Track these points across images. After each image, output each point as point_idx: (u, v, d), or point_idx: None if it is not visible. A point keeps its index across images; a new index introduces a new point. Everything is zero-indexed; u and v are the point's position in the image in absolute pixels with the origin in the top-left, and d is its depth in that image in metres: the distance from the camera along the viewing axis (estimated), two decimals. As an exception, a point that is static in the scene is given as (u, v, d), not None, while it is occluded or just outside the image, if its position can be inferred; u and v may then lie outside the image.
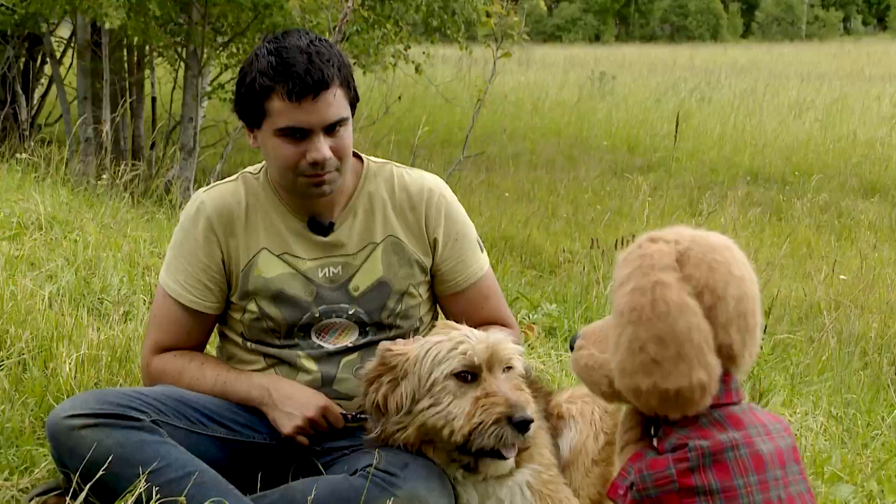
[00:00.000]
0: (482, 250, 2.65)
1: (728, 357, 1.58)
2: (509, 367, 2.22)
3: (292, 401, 2.37)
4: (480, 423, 2.12)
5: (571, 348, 1.81)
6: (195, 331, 2.51)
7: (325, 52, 2.32)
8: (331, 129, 2.33)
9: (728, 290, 1.57)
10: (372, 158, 2.59)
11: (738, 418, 1.61)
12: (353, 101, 2.41)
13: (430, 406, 2.17)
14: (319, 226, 2.48)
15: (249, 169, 2.55)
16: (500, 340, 2.22)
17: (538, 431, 2.35)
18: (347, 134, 2.38)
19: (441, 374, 2.17)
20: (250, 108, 2.36)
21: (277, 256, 2.46)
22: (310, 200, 2.44)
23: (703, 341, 1.53)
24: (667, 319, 1.53)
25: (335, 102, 2.32)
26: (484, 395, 2.14)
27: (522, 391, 2.21)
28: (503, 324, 2.64)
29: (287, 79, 2.27)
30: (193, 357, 2.49)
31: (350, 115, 2.39)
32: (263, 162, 2.51)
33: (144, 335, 2.56)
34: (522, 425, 2.11)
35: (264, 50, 2.34)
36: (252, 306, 2.45)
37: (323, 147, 2.32)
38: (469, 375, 2.18)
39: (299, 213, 2.48)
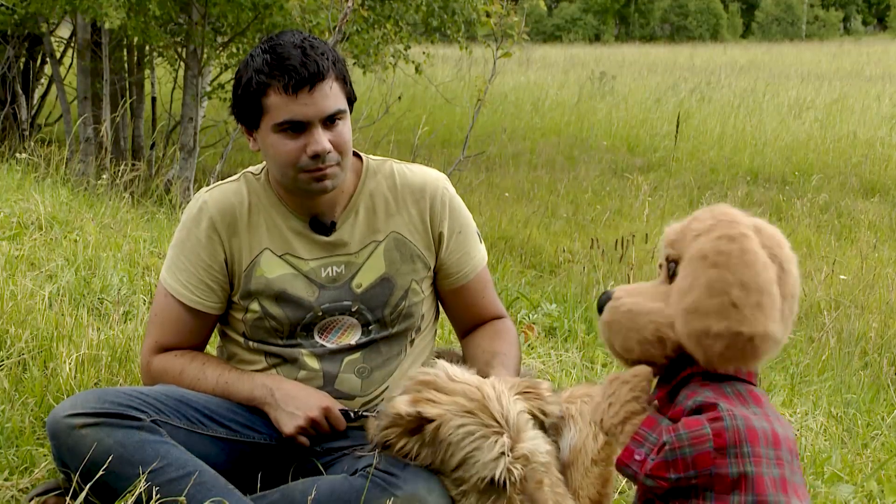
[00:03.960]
0: (480, 240, 2.67)
1: None
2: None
3: (295, 400, 2.37)
4: None
5: (601, 307, 1.78)
6: (196, 330, 2.51)
7: (319, 46, 2.33)
8: (329, 121, 2.33)
9: (791, 267, 1.65)
10: (371, 157, 2.59)
11: (758, 396, 1.67)
12: (350, 98, 2.42)
13: (451, 484, 2.11)
14: (321, 225, 2.47)
15: (251, 169, 2.55)
16: (534, 450, 2.09)
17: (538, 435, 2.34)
18: (346, 128, 2.38)
19: (474, 476, 2.08)
20: (248, 107, 2.36)
21: (279, 257, 2.46)
22: (311, 199, 2.44)
23: (777, 299, 1.60)
24: (753, 268, 1.59)
25: (332, 94, 2.32)
26: None
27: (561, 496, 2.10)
28: (498, 315, 2.67)
29: (283, 72, 2.28)
30: (194, 357, 2.49)
31: (348, 110, 2.39)
32: (264, 162, 2.51)
33: (144, 334, 2.56)
34: None
35: (259, 50, 2.35)
36: (255, 306, 2.45)
37: (322, 139, 2.32)
38: (500, 484, 2.07)
39: (301, 214, 2.48)
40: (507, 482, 2.05)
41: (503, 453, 2.06)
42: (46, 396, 2.76)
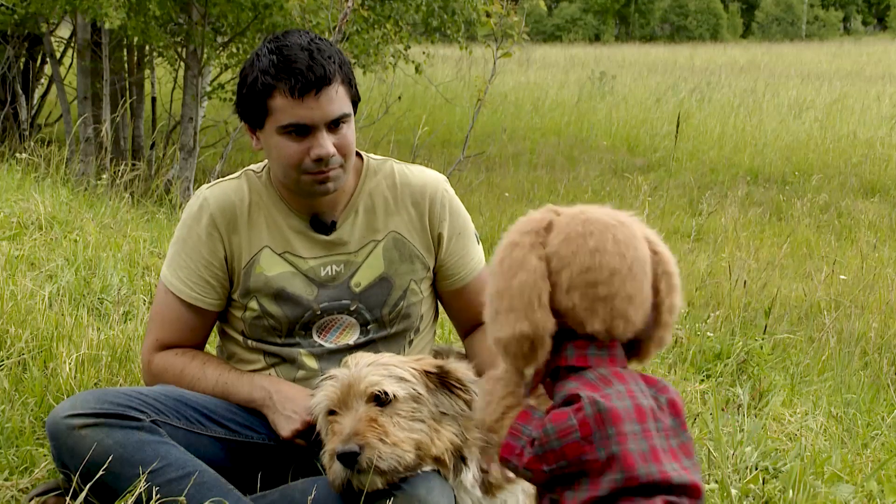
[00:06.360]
0: (478, 242, 2.67)
1: (575, 321, 1.68)
2: (377, 397, 2.11)
3: (292, 403, 2.37)
4: (327, 467, 2.09)
5: None
6: (197, 328, 2.51)
7: (326, 49, 2.33)
8: (334, 125, 2.34)
9: (576, 258, 1.68)
10: (372, 156, 2.59)
11: (621, 375, 1.71)
12: (355, 100, 2.42)
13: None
14: (321, 224, 2.48)
15: (252, 167, 2.55)
16: (358, 375, 2.13)
17: None
18: (350, 131, 2.38)
19: (320, 422, 2.18)
20: (252, 107, 2.36)
21: (279, 255, 2.46)
22: (313, 199, 2.44)
23: (535, 298, 1.66)
24: (507, 275, 1.69)
25: (337, 98, 2.32)
26: (332, 436, 2.11)
27: (373, 420, 2.07)
28: None
29: (289, 75, 2.27)
30: (195, 356, 2.49)
31: (352, 112, 2.40)
32: (266, 161, 2.51)
33: (145, 332, 2.56)
34: (343, 458, 2.02)
35: (265, 49, 2.34)
36: (253, 304, 2.45)
37: (326, 143, 2.32)
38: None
39: (301, 212, 2.48)
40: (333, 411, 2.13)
41: (325, 385, 2.16)
42: (46, 396, 2.76)
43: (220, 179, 2.54)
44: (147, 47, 9.96)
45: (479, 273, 2.62)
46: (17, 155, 6.80)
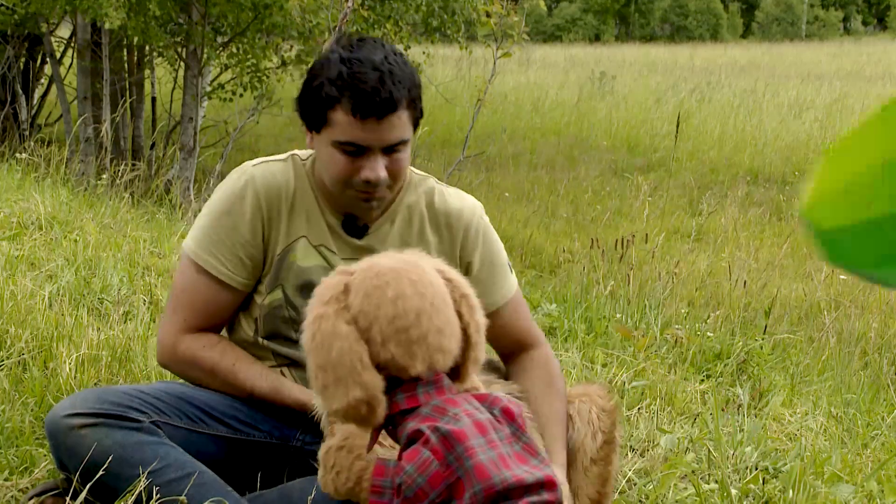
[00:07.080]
0: (511, 271, 2.59)
1: (398, 369, 1.73)
2: None
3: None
4: None
5: None
6: (224, 308, 2.43)
7: (398, 72, 2.24)
8: (389, 149, 2.28)
9: (381, 311, 1.73)
10: (415, 170, 2.54)
11: (453, 401, 1.76)
12: (417, 120, 2.36)
13: None
14: (354, 227, 2.44)
15: (299, 152, 2.48)
16: None
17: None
18: (405, 155, 2.33)
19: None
20: (313, 112, 2.30)
21: (315, 247, 2.42)
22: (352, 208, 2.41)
23: (357, 362, 1.70)
24: (323, 349, 1.72)
25: (399, 125, 2.25)
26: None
27: None
28: (530, 341, 2.56)
29: (354, 94, 2.20)
30: (223, 353, 2.42)
31: (411, 136, 2.33)
32: (312, 151, 2.44)
33: (165, 312, 2.45)
34: None
35: (337, 56, 2.25)
36: (278, 292, 2.42)
37: (378, 167, 2.26)
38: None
39: (337, 211, 2.43)
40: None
41: None
42: (46, 396, 2.76)
43: (266, 158, 2.47)
44: (147, 47, 9.97)
45: (510, 298, 2.53)
46: (17, 155, 6.80)
